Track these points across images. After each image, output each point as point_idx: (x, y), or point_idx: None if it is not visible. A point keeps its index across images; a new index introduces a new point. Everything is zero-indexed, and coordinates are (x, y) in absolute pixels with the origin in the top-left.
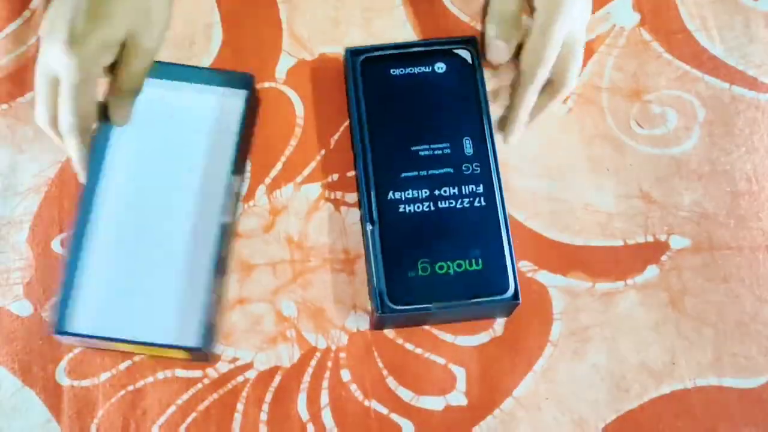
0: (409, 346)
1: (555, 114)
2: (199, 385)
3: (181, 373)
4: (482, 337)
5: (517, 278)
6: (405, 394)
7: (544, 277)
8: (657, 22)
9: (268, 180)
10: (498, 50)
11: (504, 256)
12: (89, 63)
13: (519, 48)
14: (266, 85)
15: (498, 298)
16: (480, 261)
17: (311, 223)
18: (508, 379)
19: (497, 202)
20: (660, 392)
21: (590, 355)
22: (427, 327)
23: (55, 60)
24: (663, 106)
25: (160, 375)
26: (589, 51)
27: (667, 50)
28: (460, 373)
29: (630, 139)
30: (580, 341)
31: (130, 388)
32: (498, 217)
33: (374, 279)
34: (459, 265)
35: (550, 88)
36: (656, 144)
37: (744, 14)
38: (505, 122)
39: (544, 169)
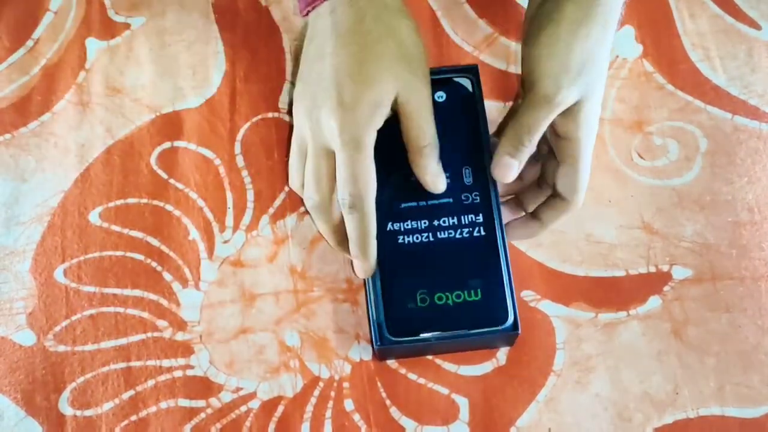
0: (412, 376)
1: None
2: (203, 415)
3: (184, 402)
4: (485, 367)
5: (517, 308)
6: (408, 424)
7: (546, 307)
8: (659, 54)
9: (271, 210)
10: (508, 169)
11: (503, 286)
12: (363, 128)
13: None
14: (270, 115)
15: (496, 328)
16: (479, 291)
17: (314, 253)
18: (511, 409)
19: (497, 232)
20: (663, 422)
21: (593, 385)
22: (430, 357)
23: (325, 130)
24: (664, 137)
25: (163, 404)
26: None
27: (670, 81)
28: (463, 403)
29: (631, 170)
30: (582, 371)
31: (133, 418)
32: (497, 247)
33: (373, 311)
34: (458, 296)
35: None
36: (658, 175)
37: (747, 44)
38: (521, 234)
39: None
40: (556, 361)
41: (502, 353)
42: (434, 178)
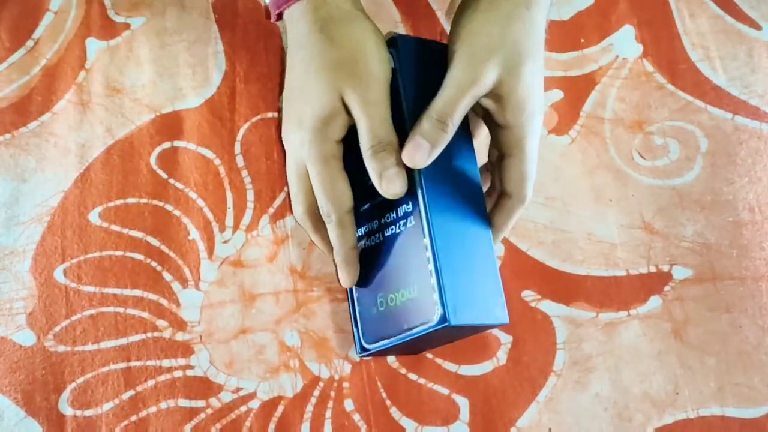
0: (412, 376)
1: (558, 145)
2: (202, 415)
3: (184, 402)
4: (485, 367)
5: (447, 298)
6: (408, 425)
7: (547, 306)
8: (660, 53)
9: (271, 210)
10: (417, 150)
11: (429, 277)
12: (320, 143)
13: None
14: (270, 115)
15: (427, 327)
16: (414, 287)
17: (314, 253)
18: (512, 409)
19: (422, 218)
20: (663, 422)
21: (593, 385)
22: (430, 356)
23: (293, 147)
24: (665, 137)
25: (163, 405)
26: (592, 82)
27: (670, 81)
28: (463, 403)
29: (632, 169)
30: (583, 371)
31: (133, 418)
32: (423, 235)
33: (352, 319)
34: (402, 295)
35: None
36: (658, 175)
37: (747, 44)
38: None
39: (546, 200)
40: (557, 361)
41: (503, 353)
42: (382, 180)
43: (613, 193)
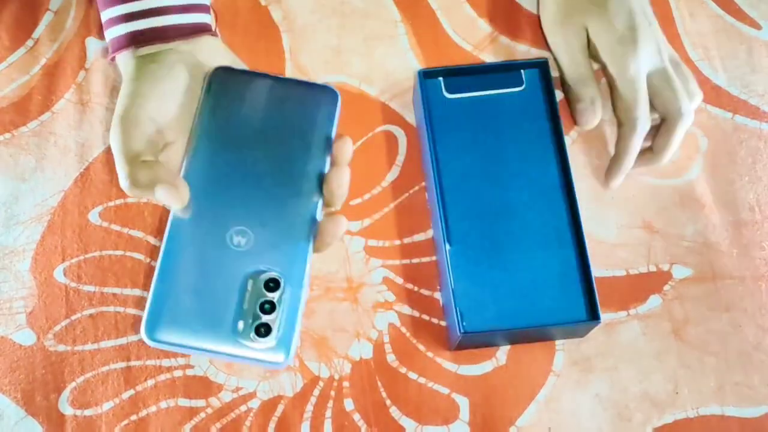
0: (412, 375)
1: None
2: (203, 415)
3: (183, 402)
4: (485, 367)
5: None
6: (408, 424)
7: None
8: None
9: None
10: (588, 114)
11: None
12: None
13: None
14: None
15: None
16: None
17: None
18: (511, 409)
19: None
20: (663, 421)
21: (593, 385)
22: (430, 355)
23: None
24: None
25: (163, 404)
26: None
27: None
28: (463, 402)
29: (632, 169)
30: (582, 371)
31: (133, 417)
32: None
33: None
34: None
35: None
36: (658, 175)
37: (747, 43)
38: (611, 170)
39: None
40: (556, 361)
41: (502, 353)
42: None
43: (613, 192)
